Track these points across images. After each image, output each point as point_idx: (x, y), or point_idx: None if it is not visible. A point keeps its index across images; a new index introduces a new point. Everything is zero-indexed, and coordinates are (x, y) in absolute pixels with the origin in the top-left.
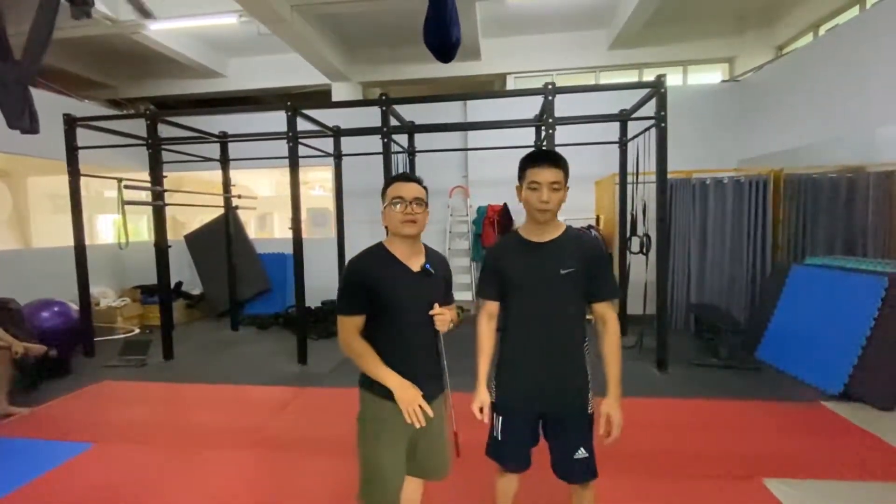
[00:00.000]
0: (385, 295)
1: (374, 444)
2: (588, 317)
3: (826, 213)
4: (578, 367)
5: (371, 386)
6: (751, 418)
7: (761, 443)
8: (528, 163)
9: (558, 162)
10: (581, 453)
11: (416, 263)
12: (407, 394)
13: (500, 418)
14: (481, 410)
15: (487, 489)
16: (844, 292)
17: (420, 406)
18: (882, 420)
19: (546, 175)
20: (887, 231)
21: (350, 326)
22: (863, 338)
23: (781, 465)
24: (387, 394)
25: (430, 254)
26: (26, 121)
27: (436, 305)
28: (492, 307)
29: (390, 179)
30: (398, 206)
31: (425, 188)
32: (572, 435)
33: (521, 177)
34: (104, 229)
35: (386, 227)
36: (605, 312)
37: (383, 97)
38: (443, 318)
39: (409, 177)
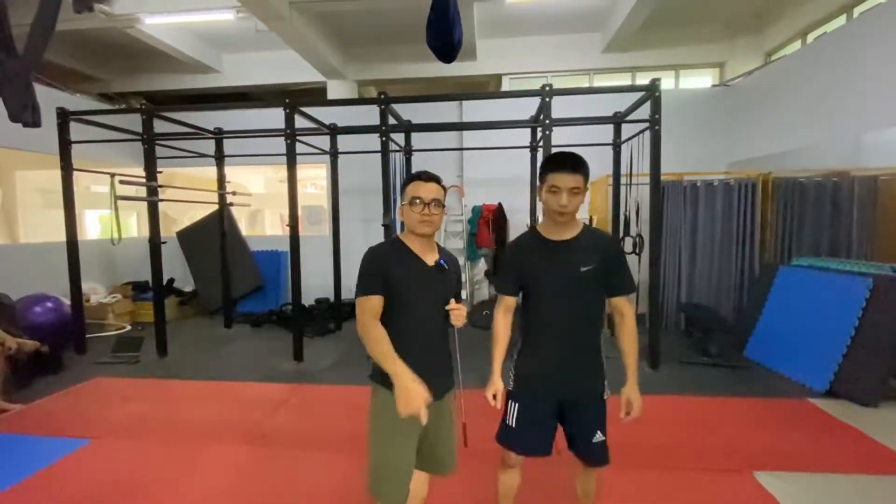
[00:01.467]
0: (400, 286)
1: (386, 437)
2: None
3: (812, 216)
4: (596, 357)
5: (383, 380)
6: (740, 414)
7: (751, 438)
8: (549, 167)
9: (578, 168)
10: (599, 437)
11: (430, 259)
12: (415, 390)
13: (516, 405)
14: (494, 397)
15: (491, 484)
16: (830, 293)
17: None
18: (865, 416)
19: (567, 181)
20: (871, 233)
21: (369, 307)
22: (847, 337)
23: (771, 458)
24: None
25: (443, 252)
26: (28, 114)
27: (452, 301)
28: (510, 301)
29: (411, 177)
30: (417, 206)
31: (444, 187)
32: (590, 420)
33: (541, 178)
34: (90, 225)
35: (386, 226)
36: (623, 305)
37: (382, 96)
38: (459, 312)
39: (430, 176)
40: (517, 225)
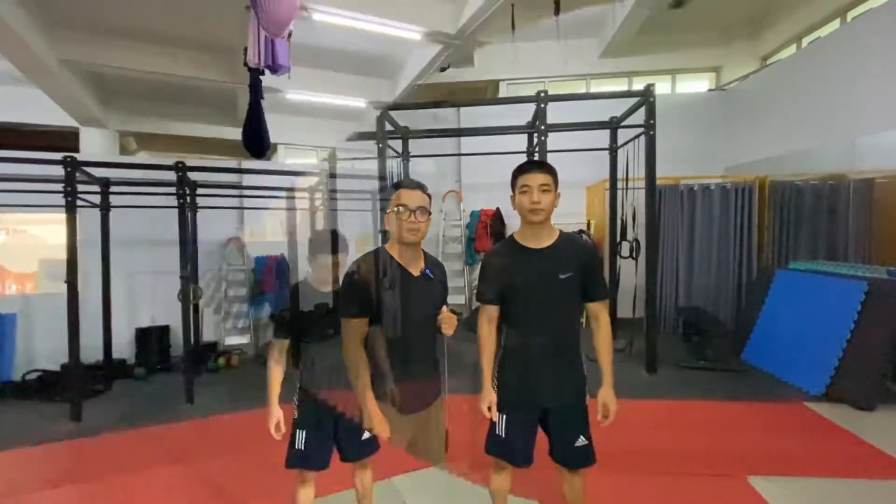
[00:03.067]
0: (387, 298)
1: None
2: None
3: (809, 219)
4: (576, 362)
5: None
6: (736, 418)
7: (746, 442)
8: (518, 172)
9: (545, 167)
10: (581, 441)
11: (416, 268)
12: (379, 427)
13: (504, 416)
14: (489, 409)
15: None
16: (827, 296)
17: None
18: (862, 420)
19: (535, 178)
20: (867, 236)
21: (355, 329)
22: (844, 340)
23: (765, 463)
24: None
25: (428, 259)
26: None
27: (444, 309)
28: (492, 311)
29: (395, 185)
30: (402, 213)
31: (428, 195)
32: (572, 425)
33: (513, 186)
34: None
35: (384, 232)
36: (598, 311)
37: (380, 103)
38: (450, 322)
39: (414, 184)
40: (515, 229)
